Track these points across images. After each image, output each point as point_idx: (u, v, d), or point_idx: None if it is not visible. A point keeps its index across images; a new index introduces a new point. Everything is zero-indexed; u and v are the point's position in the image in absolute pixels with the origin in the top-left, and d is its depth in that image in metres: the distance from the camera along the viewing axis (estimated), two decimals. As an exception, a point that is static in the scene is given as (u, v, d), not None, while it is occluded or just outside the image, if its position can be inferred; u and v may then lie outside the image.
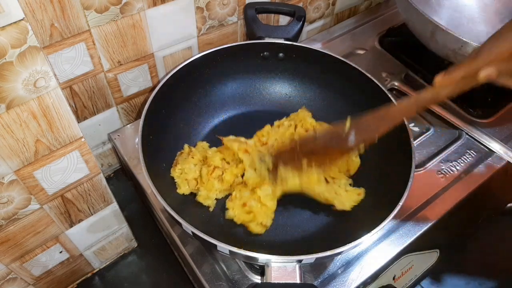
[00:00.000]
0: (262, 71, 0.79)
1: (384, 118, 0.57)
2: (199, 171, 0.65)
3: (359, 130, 0.57)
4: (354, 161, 0.69)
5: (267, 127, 0.72)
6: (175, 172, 0.65)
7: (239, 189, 0.63)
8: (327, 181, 0.65)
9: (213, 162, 0.64)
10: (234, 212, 0.62)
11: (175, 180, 0.65)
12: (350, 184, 0.67)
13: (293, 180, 0.61)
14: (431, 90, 0.52)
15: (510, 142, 0.76)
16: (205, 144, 0.70)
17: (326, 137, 0.61)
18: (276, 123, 0.73)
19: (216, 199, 0.65)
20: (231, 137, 0.69)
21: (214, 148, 0.68)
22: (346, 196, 0.64)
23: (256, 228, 0.61)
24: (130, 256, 0.75)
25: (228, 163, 0.66)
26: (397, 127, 0.64)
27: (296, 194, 0.63)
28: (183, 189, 0.64)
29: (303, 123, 0.71)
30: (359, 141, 0.58)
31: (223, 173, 0.64)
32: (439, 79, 0.51)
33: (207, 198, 0.64)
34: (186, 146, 0.69)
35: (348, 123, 0.58)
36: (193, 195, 0.65)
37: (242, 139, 0.68)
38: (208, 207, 0.64)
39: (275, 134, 0.70)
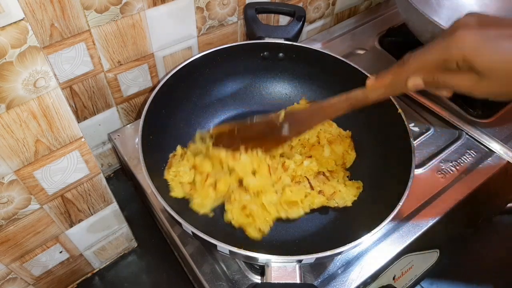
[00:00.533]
0: (262, 71, 0.79)
1: (316, 113, 0.60)
2: (194, 176, 0.63)
3: (293, 121, 0.61)
4: (350, 154, 0.71)
5: None
6: (169, 175, 0.64)
7: (239, 192, 0.63)
8: (326, 177, 0.66)
9: (204, 169, 0.63)
10: (233, 214, 0.61)
11: (169, 183, 0.64)
12: (348, 177, 0.68)
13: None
14: (361, 91, 0.54)
15: (510, 142, 0.76)
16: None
17: (262, 124, 0.64)
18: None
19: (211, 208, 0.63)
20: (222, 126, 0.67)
21: (201, 155, 0.65)
22: (346, 191, 0.65)
23: (253, 232, 0.60)
24: (130, 256, 0.75)
25: (222, 167, 0.64)
26: (397, 127, 0.65)
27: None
28: (177, 192, 0.63)
29: None
30: (293, 132, 0.62)
31: (216, 182, 0.63)
32: (369, 81, 0.53)
33: (202, 206, 0.62)
34: (179, 147, 0.68)
35: (282, 113, 0.61)
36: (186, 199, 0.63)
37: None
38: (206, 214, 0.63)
39: None
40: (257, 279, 0.60)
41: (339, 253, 0.52)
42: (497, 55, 0.41)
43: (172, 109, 0.70)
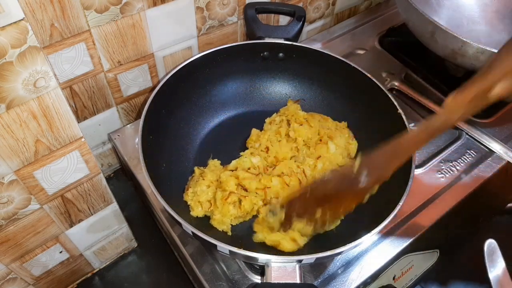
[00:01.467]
0: (262, 71, 0.79)
1: (396, 152, 0.52)
2: (213, 193, 0.62)
3: (371, 168, 0.52)
4: (352, 144, 0.71)
5: (254, 131, 0.72)
6: (188, 196, 0.63)
7: (265, 211, 0.61)
8: None
9: (228, 188, 0.61)
10: (264, 235, 0.59)
11: (189, 203, 0.63)
12: None
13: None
14: (442, 114, 0.47)
15: (510, 142, 0.76)
16: (216, 162, 0.68)
17: (336, 179, 0.56)
18: (267, 120, 0.74)
19: (231, 224, 0.62)
20: (228, 168, 0.66)
21: (228, 172, 0.64)
22: None
23: (288, 244, 0.57)
24: (130, 256, 0.75)
25: (245, 190, 0.63)
26: (397, 127, 0.65)
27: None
28: (197, 211, 0.62)
29: (295, 118, 0.72)
30: (372, 180, 0.52)
31: (240, 200, 0.61)
32: (450, 100, 0.46)
33: (222, 223, 0.61)
34: (196, 168, 0.67)
35: (357, 162, 0.53)
36: (207, 217, 0.63)
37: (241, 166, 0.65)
38: (225, 231, 0.61)
39: (265, 135, 0.70)
40: (257, 279, 0.60)
41: (339, 253, 0.52)
42: None
43: (172, 109, 0.70)
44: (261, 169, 0.66)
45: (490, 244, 0.57)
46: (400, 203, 0.55)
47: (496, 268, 0.56)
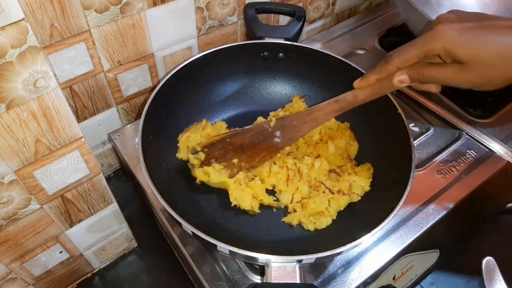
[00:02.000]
0: (262, 71, 0.79)
1: (308, 118, 0.60)
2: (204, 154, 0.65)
3: (284, 128, 0.61)
4: (352, 145, 0.71)
5: (260, 119, 0.73)
6: (181, 137, 0.66)
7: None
8: (337, 173, 0.67)
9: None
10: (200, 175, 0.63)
11: (178, 145, 0.66)
12: (355, 165, 0.69)
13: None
14: (351, 93, 0.55)
15: (510, 142, 0.76)
16: (223, 124, 0.70)
17: (254, 131, 0.64)
18: (272, 113, 0.74)
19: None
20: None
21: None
22: (359, 179, 0.65)
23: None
24: (130, 256, 0.75)
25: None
26: (397, 127, 0.65)
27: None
28: (182, 154, 0.65)
29: None
30: (285, 139, 0.62)
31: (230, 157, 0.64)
32: (356, 82, 0.54)
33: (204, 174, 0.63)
34: (204, 120, 0.70)
35: (273, 123, 0.62)
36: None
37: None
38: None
39: None
40: (257, 279, 0.60)
41: (339, 253, 0.52)
42: (476, 44, 0.43)
43: (172, 109, 0.70)
44: None
45: (489, 262, 0.57)
46: (400, 203, 0.55)
47: None
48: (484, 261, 0.56)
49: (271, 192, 0.67)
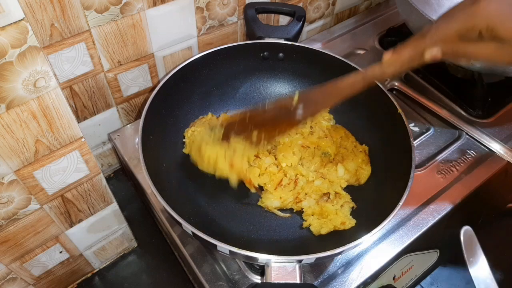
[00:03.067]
0: (262, 71, 0.79)
1: (332, 93, 0.57)
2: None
3: (307, 103, 0.58)
4: (365, 170, 0.68)
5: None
6: (187, 133, 0.69)
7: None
8: (328, 198, 0.65)
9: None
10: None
11: (184, 140, 0.69)
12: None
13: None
14: (378, 66, 0.53)
15: (510, 142, 0.76)
16: (228, 117, 0.69)
17: (275, 109, 0.62)
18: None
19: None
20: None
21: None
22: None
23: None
24: (130, 256, 0.75)
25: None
26: (397, 127, 0.65)
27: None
28: (189, 149, 0.66)
29: (319, 126, 0.72)
30: (307, 114, 0.59)
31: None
32: (386, 55, 0.51)
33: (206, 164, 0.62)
34: (210, 114, 0.71)
35: (296, 97, 0.59)
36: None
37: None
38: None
39: None
40: (257, 279, 0.60)
41: (339, 253, 0.52)
42: None
43: (172, 109, 0.70)
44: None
45: (467, 232, 0.55)
46: (400, 203, 0.55)
47: (475, 258, 0.54)
48: (462, 231, 0.55)
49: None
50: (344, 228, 0.61)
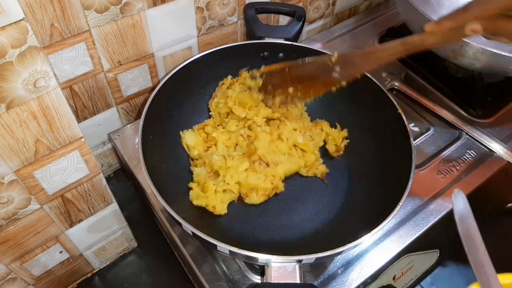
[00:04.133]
0: (262, 71, 0.79)
1: (370, 57, 0.59)
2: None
3: (345, 64, 0.60)
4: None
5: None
6: (211, 105, 0.73)
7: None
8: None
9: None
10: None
11: (210, 113, 0.73)
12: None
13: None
14: (419, 35, 0.54)
15: (510, 142, 0.76)
16: (246, 74, 0.72)
17: (314, 65, 0.63)
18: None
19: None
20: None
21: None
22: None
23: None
24: (130, 256, 0.75)
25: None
26: (397, 127, 0.65)
27: (297, 192, 0.64)
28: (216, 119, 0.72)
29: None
30: (344, 75, 0.60)
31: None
32: (429, 26, 0.52)
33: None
34: (229, 77, 0.73)
35: (335, 56, 0.60)
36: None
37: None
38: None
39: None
40: (257, 279, 0.60)
41: (339, 253, 0.52)
42: None
43: (172, 109, 0.70)
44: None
45: (458, 194, 0.54)
46: (400, 203, 0.55)
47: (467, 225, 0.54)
48: (453, 194, 0.55)
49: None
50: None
